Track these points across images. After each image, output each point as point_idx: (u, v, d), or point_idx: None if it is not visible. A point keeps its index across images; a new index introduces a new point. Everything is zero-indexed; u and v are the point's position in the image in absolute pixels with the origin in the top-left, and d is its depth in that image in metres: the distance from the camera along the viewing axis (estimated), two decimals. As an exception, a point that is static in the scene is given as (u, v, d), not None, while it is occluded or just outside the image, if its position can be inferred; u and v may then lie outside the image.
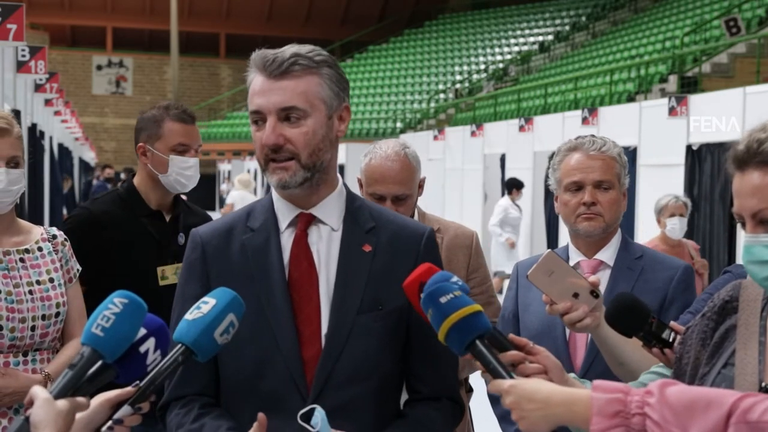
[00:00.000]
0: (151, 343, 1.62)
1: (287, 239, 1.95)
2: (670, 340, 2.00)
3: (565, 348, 2.55)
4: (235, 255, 1.95)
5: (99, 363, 1.55)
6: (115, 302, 1.57)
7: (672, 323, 2.04)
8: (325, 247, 1.95)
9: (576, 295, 2.13)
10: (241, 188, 15.05)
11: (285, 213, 1.97)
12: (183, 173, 3.19)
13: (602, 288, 2.60)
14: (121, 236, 3.14)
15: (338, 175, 2.02)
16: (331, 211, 1.97)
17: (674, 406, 1.41)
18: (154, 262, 3.16)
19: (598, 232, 2.60)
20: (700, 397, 1.41)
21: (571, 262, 2.66)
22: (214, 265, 1.95)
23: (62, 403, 1.47)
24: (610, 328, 2.09)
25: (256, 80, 1.90)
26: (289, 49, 1.90)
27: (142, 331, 1.61)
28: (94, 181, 22.43)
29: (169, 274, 3.15)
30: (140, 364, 1.61)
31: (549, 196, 11.61)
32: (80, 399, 1.52)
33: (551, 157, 2.80)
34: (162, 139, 3.18)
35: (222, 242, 1.97)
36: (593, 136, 2.70)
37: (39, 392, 1.48)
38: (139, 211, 3.22)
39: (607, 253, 2.64)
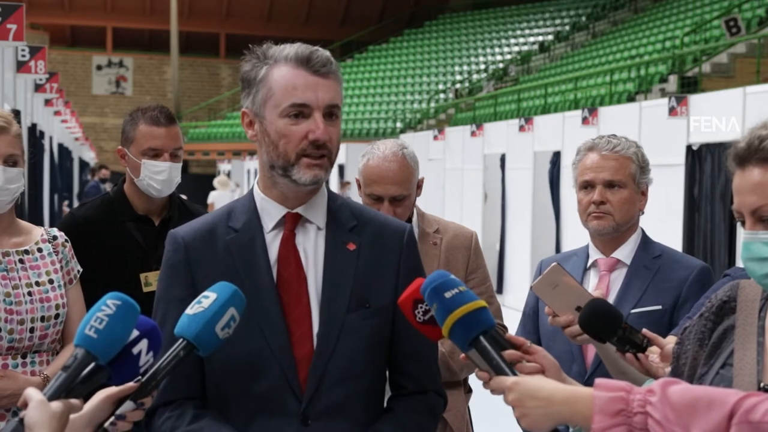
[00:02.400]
0: (143, 344, 1.62)
1: (273, 239, 1.95)
2: (644, 345, 2.03)
3: (578, 345, 2.58)
4: (220, 256, 1.94)
5: (92, 364, 1.55)
6: (108, 304, 1.57)
7: (645, 330, 2.07)
8: (312, 246, 1.95)
9: (579, 308, 2.14)
10: (220, 188, 19.00)
11: (271, 213, 1.96)
12: (155, 177, 3.11)
13: (617, 286, 2.65)
14: (105, 242, 3.10)
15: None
16: (317, 210, 1.98)
17: (676, 405, 1.41)
18: (137, 268, 3.11)
19: (608, 230, 2.64)
20: (703, 396, 1.41)
21: (590, 260, 2.71)
22: (199, 267, 1.94)
23: (56, 405, 1.47)
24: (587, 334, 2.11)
25: (291, 74, 1.88)
26: (321, 50, 1.93)
27: (135, 333, 1.61)
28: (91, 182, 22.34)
29: (153, 280, 3.10)
30: (133, 365, 1.61)
31: (554, 195, 11.60)
32: (74, 401, 1.52)
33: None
34: (135, 142, 3.13)
35: (205, 243, 1.96)
36: (613, 136, 2.73)
37: (33, 394, 1.48)
38: (125, 216, 3.17)
39: (625, 252, 2.68)
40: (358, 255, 1.95)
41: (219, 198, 18.47)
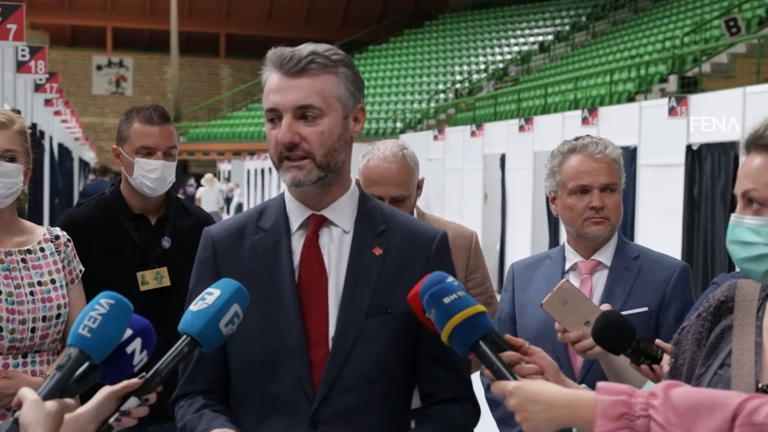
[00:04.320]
0: (137, 343, 1.62)
1: (298, 241, 1.94)
2: (658, 356, 2.02)
3: (564, 351, 2.55)
4: (246, 255, 1.94)
5: (86, 364, 1.55)
6: (102, 303, 1.57)
7: (657, 341, 2.06)
8: (336, 249, 1.93)
9: (588, 323, 2.14)
10: (207, 185, 21.67)
11: (296, 214, 1.95)
12: (147, 176, 3.10)
13: (600, 288, 2.61)
14: (102, 241, 3.11)
15: (351, 176, 2.01)
16: (343, 212, 1.95)
17: (679, 407, 1.41)
18: (134, 267, 3.11)
19: (605, 235, 2.61)
20: (705, 398, 1.41)
21: (568, 263, 2.67)
22: (225, 265, 1.94)
23: (51, 404, 1.47)
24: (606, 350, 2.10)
25: (272, 78, 1.88)
26: (306, 48, 1.89)
27: (129, 332, 1.61)
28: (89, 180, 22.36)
29: (150, 279, 3.10)
30: (127, 364, 1.61)
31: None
32: (68, 400, 1.52)
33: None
34: (129, 141, 3.14)
35: (233, 242, 1.97)
36: (589, 136, 2.68)
37: (28, 393, 1.48)
38: (122, 215, 3.18)
39: (605, 254, 2.64)
40: (383, 260, 1.93)
41: (205, 194, 21.14)
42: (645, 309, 2.55)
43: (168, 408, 2.00)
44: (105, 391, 1.65)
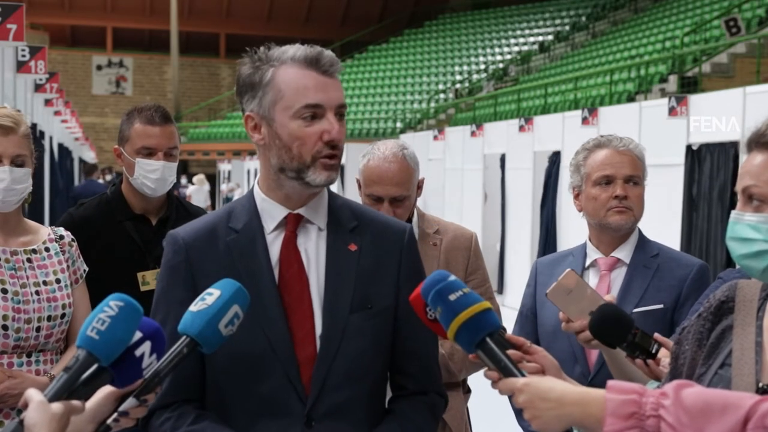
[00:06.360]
0: (146, 346, 1.60)
1: (273, 240, 1.94)
2: (653, 351, 2.02)
3: (580, 345, 2.57)
4: (221, 257, 1.93)
5: (94, 366, 1.54)
6: (111, 305, 1.56)
7: (656, 335, 2.06)
8: (314, 247, 1.95)
9: (592, 314, 2.15)
10: (198, 184, 23.56)
11: (272, 214, 1.95)
12: (148, 176, 3.12)
13: (618, 285, 2.64)
14: (102, 241, 3.12)
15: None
16: (318, 210, 1.97)
17: (690, 408, 1.40)
18: (134, 267, 3.12)
19: (628, 225, 2.66)
20: (717, 399, 1.40)
21: (588, 260, 2.71)
22: (200, 268, 1.92)
23: (57, 406, 1.46)
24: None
25: (301, 74, 1.87)
26: (328, 51, 1.92)
27: (138, 335, 1.59)
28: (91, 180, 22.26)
29: (150, 279, 3.11)
30: (136, 367, 1.60)
31: (546, 197, 11.58)
32: (75, 402, 1.51)
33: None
34: (130, 141, 3.15)
35: (205, 244, 1.95)
36: (613, 135, 2.76)
37: (33, 395, 1.47)
38: (122, 215, 3.19)
39: (625, 251, 2.68)
40: (359, 256, 1.95)
41: (195, 192, 22.73)
42: (660, 306, 2.58)
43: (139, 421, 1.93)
44: (103, 391, 1.65)
